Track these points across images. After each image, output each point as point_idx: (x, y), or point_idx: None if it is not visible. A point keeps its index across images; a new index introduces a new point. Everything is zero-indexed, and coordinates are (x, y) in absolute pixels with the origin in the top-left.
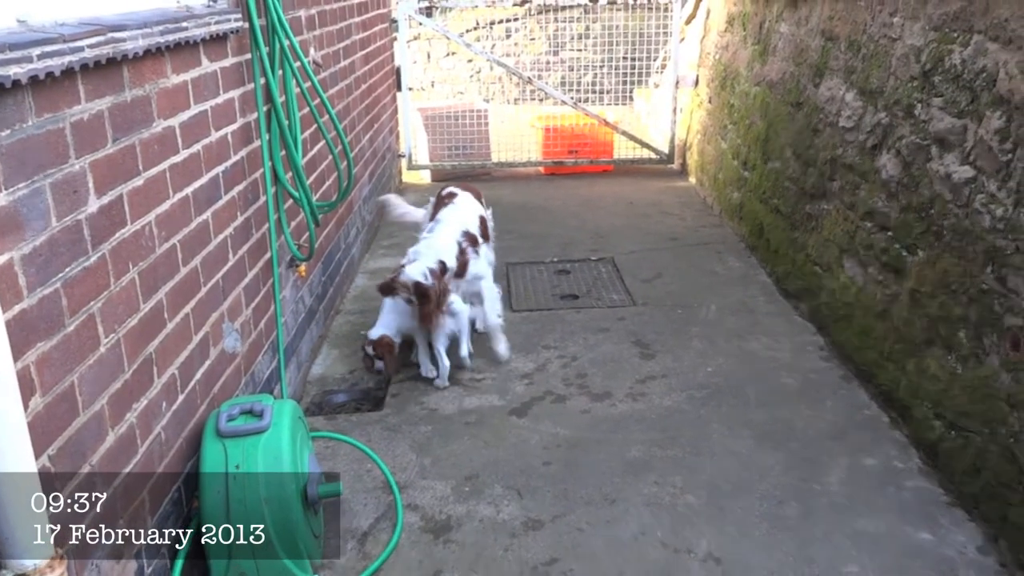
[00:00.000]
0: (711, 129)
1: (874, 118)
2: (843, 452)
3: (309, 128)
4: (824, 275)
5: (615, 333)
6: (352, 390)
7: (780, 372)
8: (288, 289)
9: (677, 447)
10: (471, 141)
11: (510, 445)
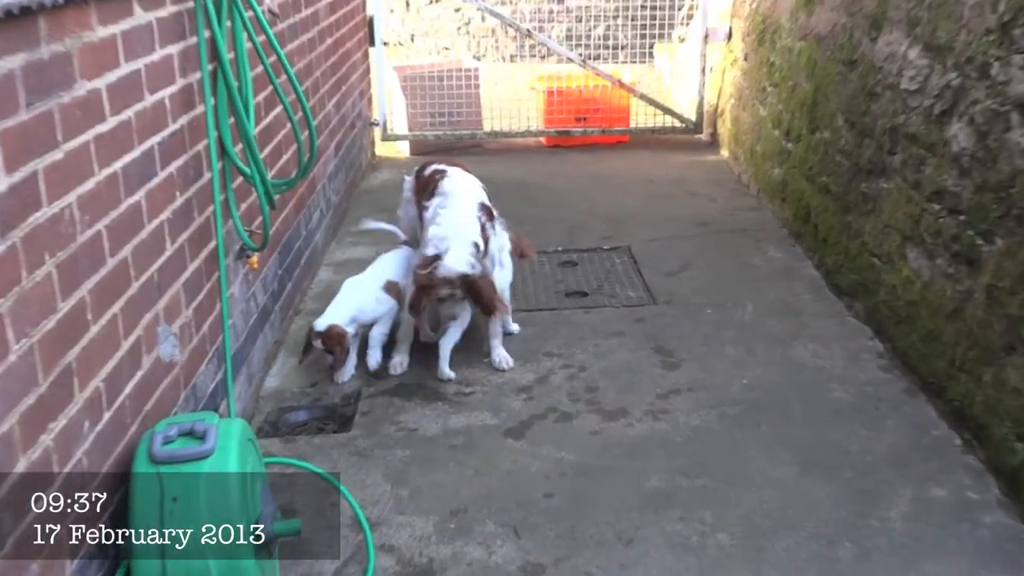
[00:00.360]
0: (747, 92)
1: (942, 79)
2: (906, 481)
3: (263, 91)
4: (883, 268)
5: (631, 338)
6: (314, 407)
7: (830, 385)
8: (237, 285)
9: (706, 476)
10: (458, 107)
11: (505, 473)
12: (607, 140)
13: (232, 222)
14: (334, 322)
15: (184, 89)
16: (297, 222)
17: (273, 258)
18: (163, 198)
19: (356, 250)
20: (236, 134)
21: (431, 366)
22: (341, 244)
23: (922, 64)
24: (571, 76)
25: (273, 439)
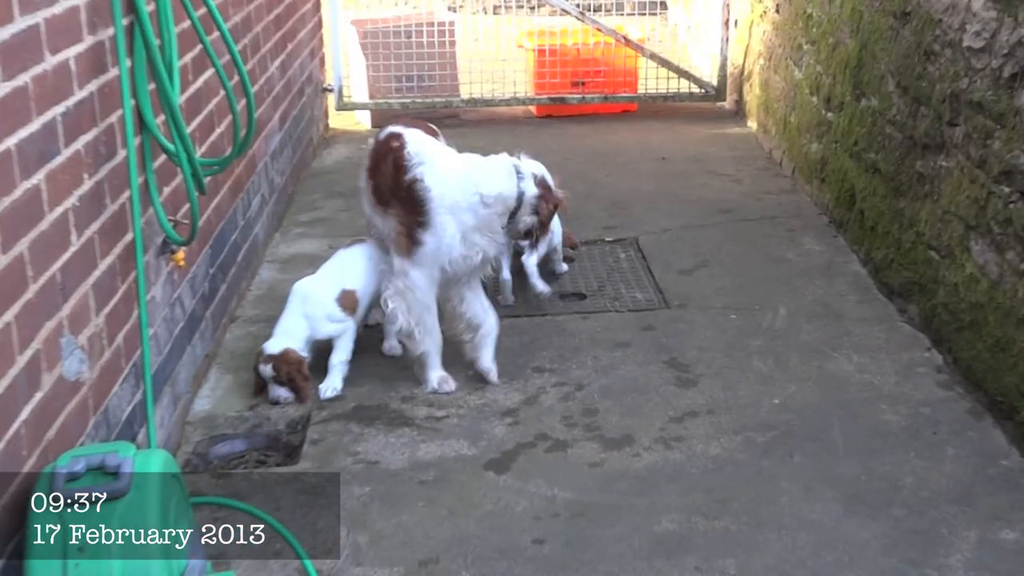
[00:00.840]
0: (779, 51)
1: (1013, 35)
2: (971, 521)
3: (191, 51)
4: (942, 263)
5: (639, 349)
6: (254, 434)
7: (879, 405)
8: (159, 287)
9: (729, 516)
10: (430, 68)
11: (485, 514)
12: (610, 109)
13: (153, 210)
14: (290, 345)
15: (93, 48)
16: (233, 210)
17: (203, 254)
18: (68, 181)
19: (305, 243)
20: (158, 103)
21: (395, 382)
22: (287, 236)
23: (989, 16)
24: (567, 31)
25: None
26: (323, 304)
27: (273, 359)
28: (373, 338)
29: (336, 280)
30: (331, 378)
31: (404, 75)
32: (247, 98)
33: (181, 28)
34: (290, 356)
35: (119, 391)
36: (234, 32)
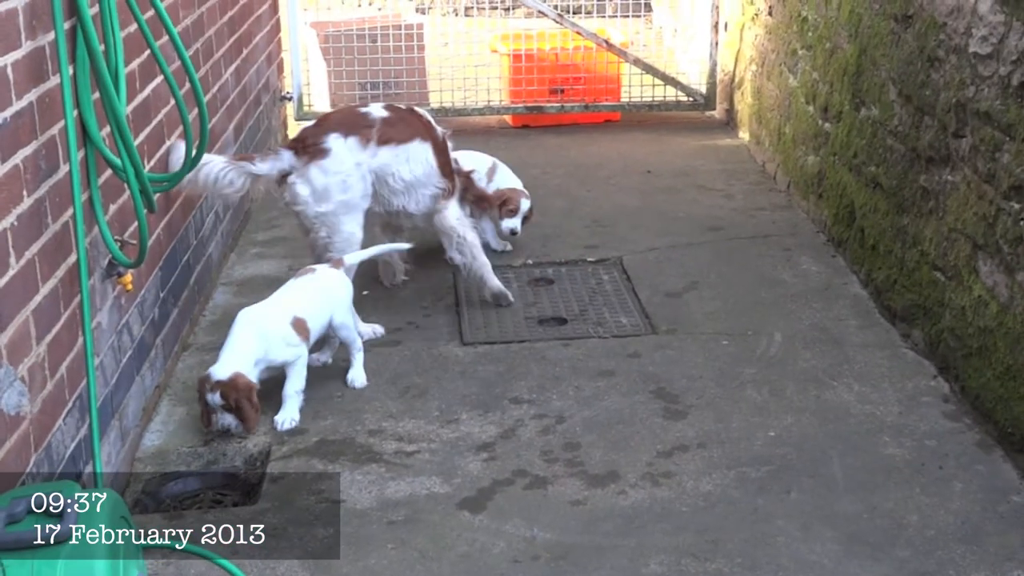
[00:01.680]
0: (772, 57)
1: (1023, 40)
2: (980, 561)
3: (138, 57)
4: (949, 284)
5: (624, 378)
6: (209, 472)
7: (882, 437)
8: (106, 312)
9: (722, 557)
10: (397, 75)
11: (459, 557)
12: (591, 118)
13: (98, 229)
14: (238, 369)
15: (32, 55)
16: (185, 228)
17: (153, 276)
18: (5, 199)
19: (263, 264)
20: (102, 114)
21: (361, 415)
22: (243, 256)
23: (997, 20)
24: (544, 35)
25: (154, 515)
26: (278, 327)
27: (221, 385)
28: (337, 368)
29: (288, 306)
30: (287, 408)
31: (369, 82)
32: (199, 108)
33: (127, 32)
34: (239, 382)
35: (63, 425)
36: (184, 36)
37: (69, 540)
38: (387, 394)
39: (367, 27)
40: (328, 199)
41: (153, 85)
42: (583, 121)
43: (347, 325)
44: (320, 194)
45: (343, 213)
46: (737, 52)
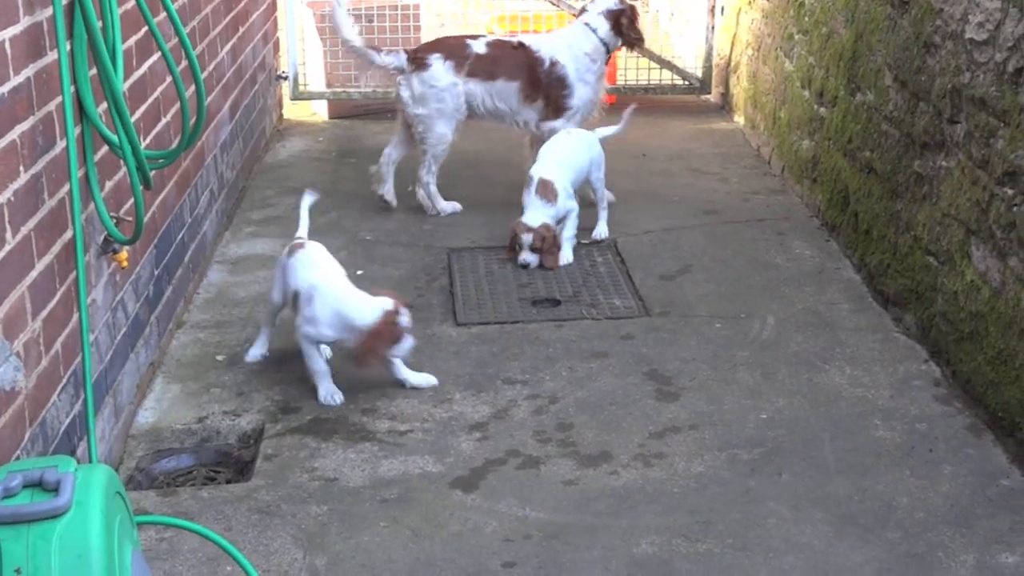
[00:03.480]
0: (768, 41)
1: (1019, 27)
2: (969, 544)
3: (135, 34)
4: (941, 270)
5: (617, 360)
6: (202, 449)
7: (873, 421)
8: (101, 289)
9: (713, 538)
10: None
11: (452, 536)
12: None
13: (94, 206)
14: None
15: (30, 30)
16: (180, 206)
17: (148, 254)
18: (1, 174)
19: (257, 243)
20: (100, 90)
21: (355, 393)
22: (238, 235)
23: (993, 7)
24: (540, 17)
25: (148, 492)
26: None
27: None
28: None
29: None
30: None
31: None
32: (196, 85)
33: (125, 9)
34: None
35: (57, 401)
36: (182, 13)
37: (65, 514)
38: (380, 373)
39: (364, 7)
40: (424, 104)
41: (150, 62)
42: None
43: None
44: (418, 99)
45: (437, 118)
46: (733, 36)
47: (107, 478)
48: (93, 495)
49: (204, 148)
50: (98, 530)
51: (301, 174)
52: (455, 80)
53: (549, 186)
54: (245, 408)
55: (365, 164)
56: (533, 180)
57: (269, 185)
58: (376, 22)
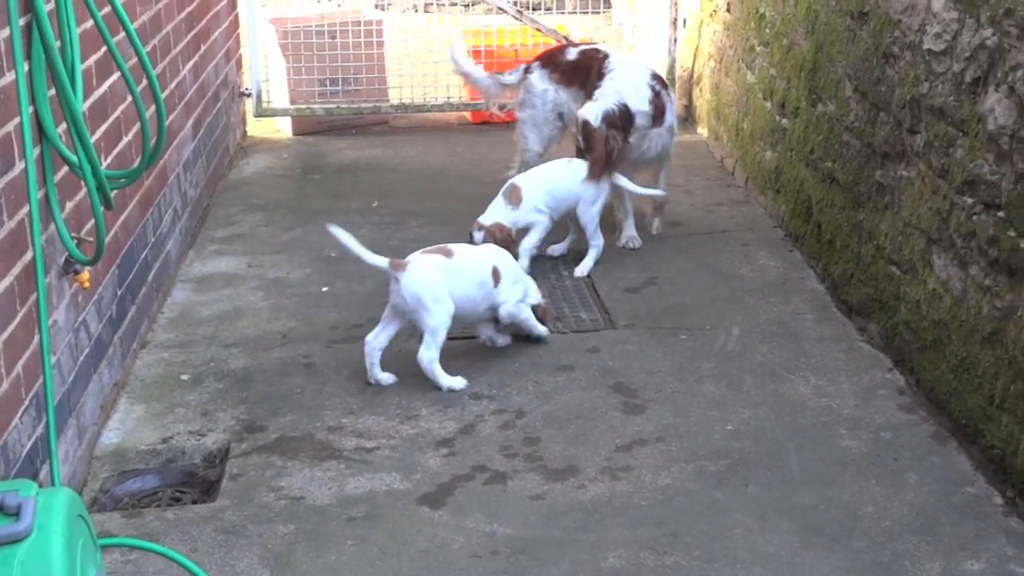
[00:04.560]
0: (731, 53)
1: (975, 37)
2: (934, 552)
3: (95, 53)
4: (904, 279)
5: (583, 373)
6: (167, 469)
7: (838, 430)
8: (63, 310)
9: (680, 550)
10: (356, 72)
11: (419, 553)
12: None
13: (54, 227)
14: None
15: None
16: (142, 225)
17: (111, 274)
18: None
19: (222, 261)
20: (59, 110)
21: (320, 411)
22: (202, 253)
23: (950, 17)
24: (503, 31)
25: (112, 513)
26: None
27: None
28: (295, 365)
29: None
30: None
31: (328, 78)
32: (156, 104)
33: (84, 28)
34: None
35: (19, 424)
36: (142, 32)
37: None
38: (347, 390)
39: (326, 23)
40: (523, 109)
41: (111, 81)
42: None
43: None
44: (520, 104)
45: (530, 124)
46: (696, 48)
47: (69, 501)
48: (54, 519)
49: (167, 167)
50: (60, 554)
51: (265, 191)
52: (547, 87)
53: (516, 191)
54: (210, 427)
55: (329, 180)
56: (506, 184)
57: (233, 203)
58: (339, 38)
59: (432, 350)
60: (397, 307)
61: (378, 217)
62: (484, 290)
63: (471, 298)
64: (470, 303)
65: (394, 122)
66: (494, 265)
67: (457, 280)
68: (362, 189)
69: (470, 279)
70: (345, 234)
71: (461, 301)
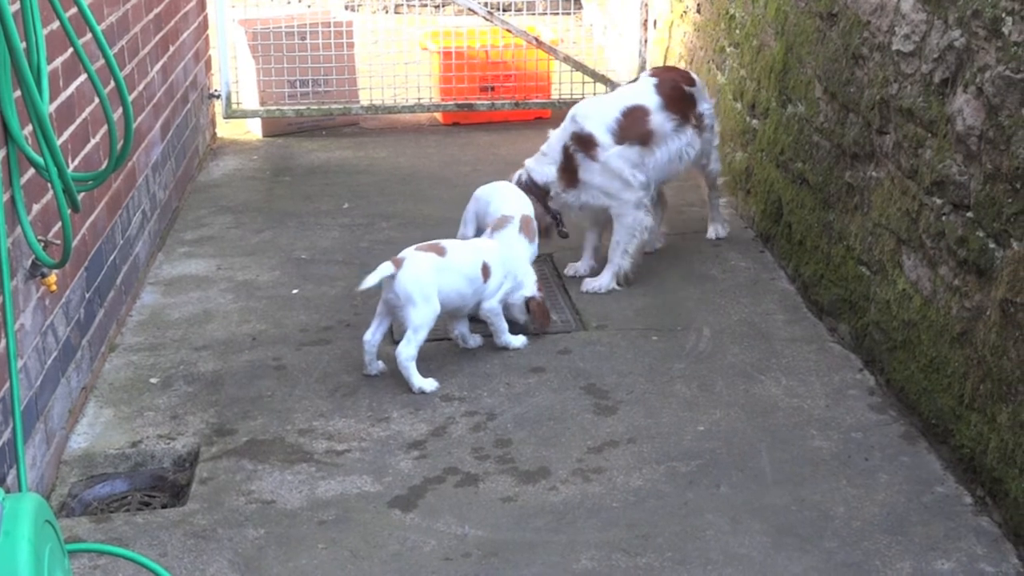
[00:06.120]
0: (701, 53)
1: (944, 38)
2: (904, 551)
3: (61, 55)
4: (874, 279)
5: (555, 375)
6: (136, 473)
7: (809, 431)
8: (29, 313)
9: (652, 552)
10: (326, 73)
11: (391, 556)
12: (522, 116)
13: (20, 230)
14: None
15: None
16: (111, 228)
17: (79, 277)
18: None
19: (191, 263)
20: (25, 112)
21: (291, 414)
22: (171, 256)
23: (918, 19)
24: (474, 33)
25: (80, 518)
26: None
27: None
28: (266, 367)
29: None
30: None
31: (298, 79)
32: (124, 106)
33: (50, 29)
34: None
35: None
36: (109, 34)
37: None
38: (317, 393)
39: (296, 24)
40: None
41: (78, 83)
42: (514, 118)
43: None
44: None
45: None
46: (666, 49)
47: (35, 507)
48: (21, 525)
49: (135, 169)
50: (26, 560)
51: (235, 193)
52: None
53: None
54: (180, 431)
55: (300, 182)
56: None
57: (203, 205)
58: (309, 39)
59: (412, 347)
60: (388, 302)
61: (349, 219)
62: (474, 285)
63: (462, 293)
64: (460, 298)
65: (364, 123)
66: (484, 261)
67: (449, 276)
68: (332, 191)
69: (462, 275)
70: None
71: (452, 296)
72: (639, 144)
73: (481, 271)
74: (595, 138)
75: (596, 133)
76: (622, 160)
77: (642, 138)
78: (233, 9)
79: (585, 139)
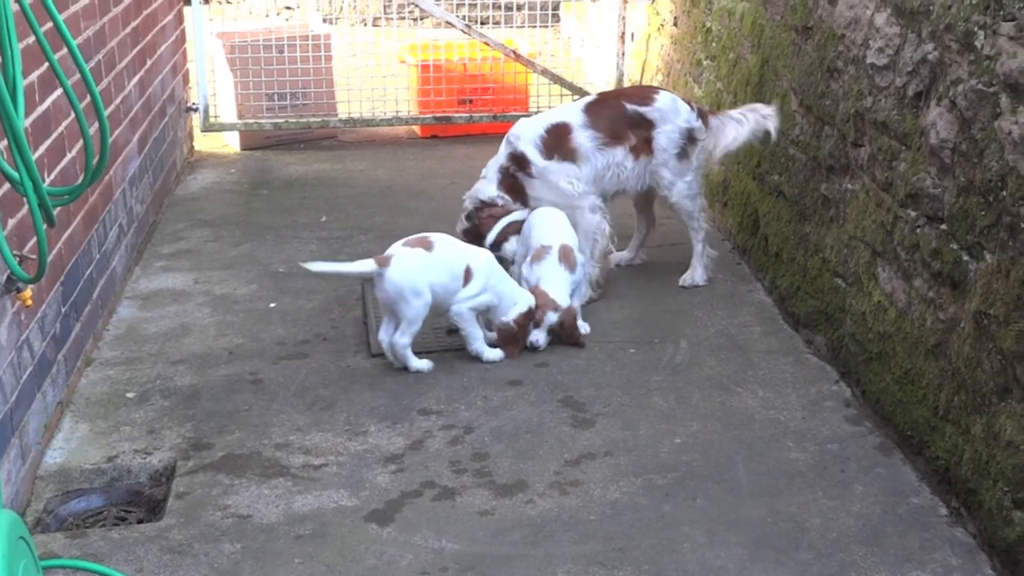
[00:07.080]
0: (678, 66)
1: (917, 52)
2: (880, 563)
3: (36, 69)
4: (849, 291)
5: (532, 387)
6: (112, 488)
7: (785, 442)
8: (5, 328)
9: (629, 565)
10: (304, 86)
11: (367, 570)
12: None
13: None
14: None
15: None
16: (87, 242)
17: (54, 291)
18: None
19: (168, 277)
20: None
21: (268, 428)
22: (148, 270)
23: (892, 32)
24: (452, 46)
25: (56, 534)
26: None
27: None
28: (243, 382)
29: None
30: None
31: (276, 93)
32: (100, 121)
33: (26, 44)
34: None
35: None
36: (86, 47)
37: None
38: (294, 407)
39: (274, 37)
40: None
41: (54, 97)
42: (492, 131)
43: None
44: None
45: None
46: (643, 62)
47: (10, 523)
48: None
49: (112, 182)
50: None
51: (213, 207)
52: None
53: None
54: (156, 446)
55: (277, 195)
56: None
57: (180, 218)
58: (287, 52)
59: (406, 337)
60: (381, 300)
61: (327, 232)
62: (456, 283)
63: (446, 287)
64: (444, 292)
65: (343, 136)
66: (468, 264)
67: (434, 271)
68: (310, 204)
69: (446, 271)
70: (320, 265)
71: (436, 289)
72: (566, 160)
73: (463, 273)
74: (527, 156)
75: (527, 151)
76: (556, 173)
77: (565, 154)
78: (211, 22)
79: (519, 158)
